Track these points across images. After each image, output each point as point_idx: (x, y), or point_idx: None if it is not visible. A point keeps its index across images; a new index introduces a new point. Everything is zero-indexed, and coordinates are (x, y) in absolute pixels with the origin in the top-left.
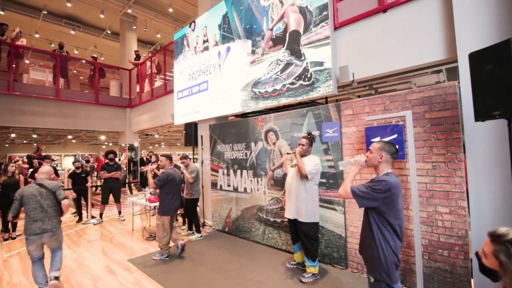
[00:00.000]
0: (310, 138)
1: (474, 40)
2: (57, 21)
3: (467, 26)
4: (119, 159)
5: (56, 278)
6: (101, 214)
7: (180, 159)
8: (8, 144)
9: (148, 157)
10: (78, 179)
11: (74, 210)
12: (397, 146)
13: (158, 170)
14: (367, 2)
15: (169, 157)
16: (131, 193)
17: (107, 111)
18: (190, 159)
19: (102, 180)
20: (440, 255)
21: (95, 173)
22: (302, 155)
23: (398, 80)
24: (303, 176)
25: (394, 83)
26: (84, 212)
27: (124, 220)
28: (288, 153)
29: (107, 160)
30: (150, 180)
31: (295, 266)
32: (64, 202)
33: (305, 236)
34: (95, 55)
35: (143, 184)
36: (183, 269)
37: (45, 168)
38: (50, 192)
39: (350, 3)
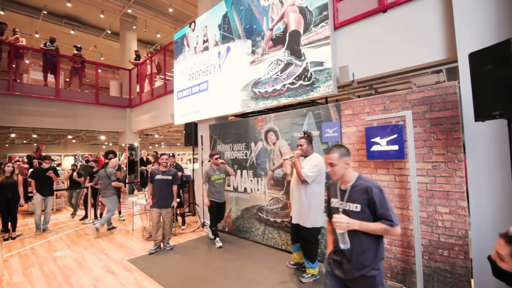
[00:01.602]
0: (307, 137)
1: (474, 40)
2: (57, 21)
3: (467, 26)
4: (119, 159)
5: (97, 229)
6: (101, 214)
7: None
8: (8, 144)
9: (148, 156)
10: (92, 178)
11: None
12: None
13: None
14: (367, 2)
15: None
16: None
17: (107, 111)
18: (217, 158)
19: None
20: (440, 255)
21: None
22: (304, 156)
23: (398, 80)
24: (303, 181)
25: (394, 83)
26: (85, 211)
27: (124, 220)
28: (285, 159)
29: (107, 160)
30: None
31: (294, 267)
32: (113, 183)
33: (304, 240)
34: (78, 45)
35: (143, 184)
36: (183, 269)
37: (113, 160)
38: (106, 175)
39: (350, 3)
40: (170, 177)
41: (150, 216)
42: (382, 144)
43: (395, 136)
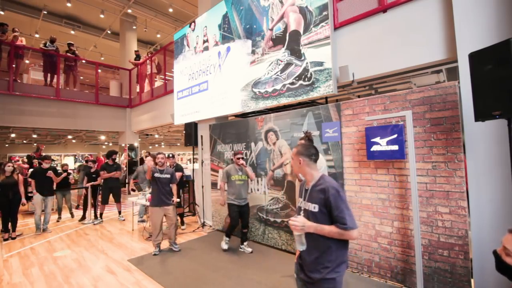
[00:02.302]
0: (307, 138)
1: (474, 40)
2: (57, 21)
3: (467, 26)
4: (119, 159)
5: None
6: (101, 214)
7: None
8: (8, 144)
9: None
10: (90, 179)
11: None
12: (315, 147)
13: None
14: (367, 2)
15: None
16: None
17: (107, 111)
18: (240, 158)
19: (102, 180)
20: (440, 255)
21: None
22: None
23: (398, 80)
24: None
25: (394, 83)
26: (83, 212)
27: (124, 220)
28: (285, 164)
29: (107, 160)
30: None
31: None
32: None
33: None
34: (71, 42)
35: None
36: (183, 269)
37: (148, 158)
38: (144, 171)
39: (350, 3)
40: (168, 176)
41: (150, 216)
42: (382, 144)
43: (395, 136)
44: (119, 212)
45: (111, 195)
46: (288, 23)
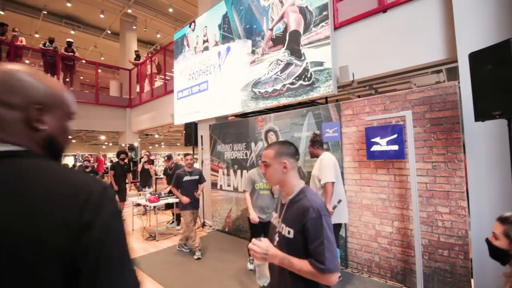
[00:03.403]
0: (311, 139)
1: (474, 40)
2: (57, 21)
3: (467, 26)
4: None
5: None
6: None
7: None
8: None
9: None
10: None
11: None
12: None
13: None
14: (367, 2)
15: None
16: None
17: (107, 111)
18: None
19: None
20: (440, 255)
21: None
22: (316, 156)
23: (398, 80)
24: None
25: (394, 83)
26: None
27: (124, 220)
28: None
29: (118, 160)
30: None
31: None
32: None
33: None
34: (71, 40)
35: (143, 184)
36: (184, 269)
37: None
38: None
39: (350, 3)
40: (197, 177)
41: (184, 220)
42: (382, 144)
43: (395, 136)
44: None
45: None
46: (288, 23)
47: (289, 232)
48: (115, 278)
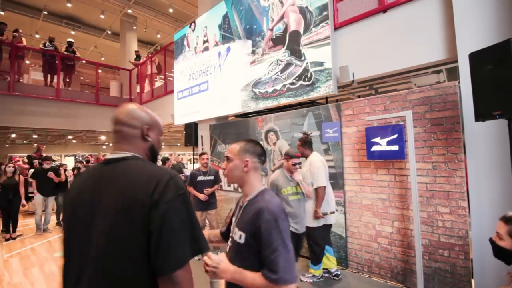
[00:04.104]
0: (303, 139)
1: (474, 40)
2: (57, 21)
3: (467, 26)
4: None
5: None
6: None
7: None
8: (9, 144)
9: None
10: None
11: None
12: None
13: None
14: (367, 2)
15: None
16: None
17: (107, 111)
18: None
19: None
20: (441, 255)
21: None
22: (305, 157)
23: (398, 80)
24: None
25: (394, 83)
26: None
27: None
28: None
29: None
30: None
31: (326, 275)
32: None
33: (307, 240)
34: (71, 40)
35: None
36: None
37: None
38: None
39: (350, 3)
40: (212, 177)
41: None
42: (382, 144)
43: (395, 136)
44: None
45: None
46: (288, 23)
47: (240, 237)
48: (172, 241)
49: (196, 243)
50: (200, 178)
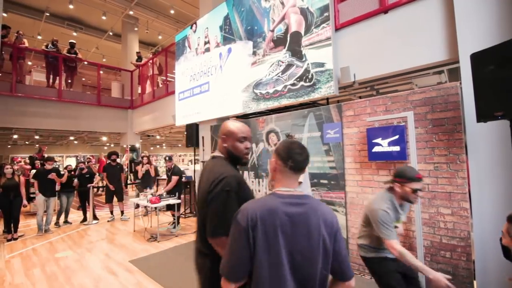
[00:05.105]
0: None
1: (476, 40)
2: (59, 22)
3: (468, 26)
4: (121, 160)
5: None
6: (111, 212)
7: None
8: (11, 145)
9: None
10: (83, 180)
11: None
12: (297, 152)
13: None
14: (368, 3)
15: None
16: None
17: (108, 112)
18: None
19: (104, 181)
20: (443, 257)
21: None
22: None
23: (399, 81)
24: None
25: (396, 84)
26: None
27: (128, 219)
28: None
29: (109, 161)
30: None
31: None
32: None
33: None
34: (73, 41)
35: (144, 184)
36: (185, 270)
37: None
38: None
39: (351, 4)
40: None
41: None
42: (383, 145)
43: (396, 137)
44: (122, 212)
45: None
46: (289, 24)
47: None
48: (212, 220)
49: (219, 227)
50: None
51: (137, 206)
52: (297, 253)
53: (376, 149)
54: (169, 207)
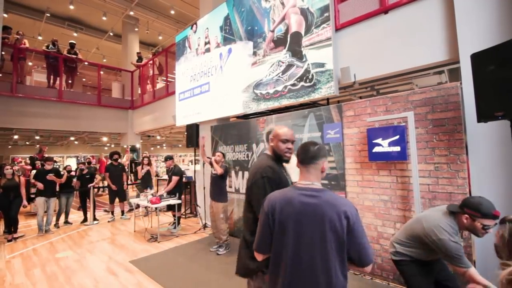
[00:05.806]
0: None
1: (476, 40)
2: (59, 23)
3: (468, 26)
4: (121, 160)
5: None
6: (112, 212)
7: None
8: (11, 145)
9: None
10: (83, 180)
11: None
12: (302, 149)
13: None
14: (368, 4)
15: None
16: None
17: (109, 112)
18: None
19: (106, 182)
20: None
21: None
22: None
23: (400, 81)
24: None
25: (396, 84)
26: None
27: (129, 218)
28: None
29: (111, 161)
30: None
31: None
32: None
33: None
34: (73, 42)
35: (144, 185)
36: (185, 270)
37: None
38: None
39: (351, 5)
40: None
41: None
42: (384, 145)
43: (397, 137)
44: (122, 212)
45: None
46: (290, 24)
47: None
48: (251, 201)
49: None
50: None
51: (138, 206)
52: (303, 235)
53: (376, 149)
54: (170, 208)
